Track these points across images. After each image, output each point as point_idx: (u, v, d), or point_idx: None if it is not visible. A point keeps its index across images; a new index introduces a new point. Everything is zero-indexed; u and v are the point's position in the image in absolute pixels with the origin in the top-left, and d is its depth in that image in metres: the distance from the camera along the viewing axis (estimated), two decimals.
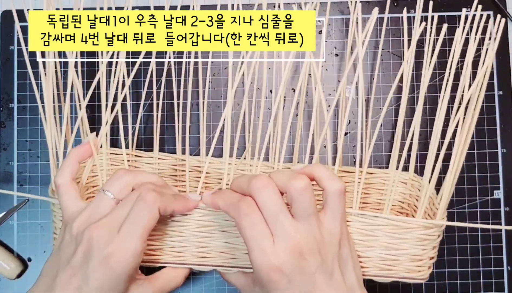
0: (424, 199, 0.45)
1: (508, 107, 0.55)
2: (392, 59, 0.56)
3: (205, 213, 0.44)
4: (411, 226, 0.43)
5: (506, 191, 0.54)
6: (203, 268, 0.46)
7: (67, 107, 0.46)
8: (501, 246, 0.54)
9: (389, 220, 0.43)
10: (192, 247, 0.45)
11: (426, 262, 0.44)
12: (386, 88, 0.55)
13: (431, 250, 0.44)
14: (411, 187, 0.50)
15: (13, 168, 0.54)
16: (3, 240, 0.54)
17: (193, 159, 0.52)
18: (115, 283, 0.40)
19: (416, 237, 0.43)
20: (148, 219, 0.40)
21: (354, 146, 0.55)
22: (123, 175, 0.43)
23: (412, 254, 0.43)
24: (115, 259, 0.39)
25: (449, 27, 0.55)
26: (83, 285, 0.39)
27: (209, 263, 0.45)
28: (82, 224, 0.41)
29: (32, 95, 0.55)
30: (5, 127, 0.55)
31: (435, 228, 0.44)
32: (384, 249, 0.43)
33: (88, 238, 0.39)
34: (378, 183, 0.52)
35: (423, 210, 0.44)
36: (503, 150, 0.55)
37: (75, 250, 0.40)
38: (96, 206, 0.42)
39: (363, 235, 0.43)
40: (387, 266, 0.44)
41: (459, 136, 0.43)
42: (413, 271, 0.44)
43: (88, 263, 0.39)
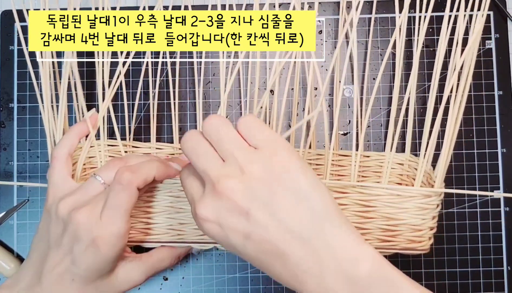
0: (422, 168, 0.45)
1: (508, 107, 0.55)
2: (392, 59, 0.56)
3: (179, 185, 0.44)
4: (410, 194, 0.43)
5: (506, 191, 0.54)
6: (179, 245, 0.46)
7: (63, 87, 0.46)
8: (501, 246, 0.54)
9: (387, 189, 0.43)
10: (163, 223, 0.45)
11: (426, 232, 0.45)
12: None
13: (430, 220, 0.44)
14: (408, 167, 0.50)
15: (13, 168, 0.54)
16: (3, 240, 0.54)
17: None
18: (103, 264, 0.41)
19: (416, 206, 0.43)
20: (126, 200, 0.40)
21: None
22: (115, 161, 0.43)
23: (412, 223, 0.44)
24: (100, 242, 0.40)
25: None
26: (72, 267, 0.40)
27: (186, 240, 0.46)
28: (69, 205, 0.41)
29: (32, 95, 0.55)
30: (5, 127, 0.55)
31: (434, 196, 0.44)
32: (384, 220, 0.44)
33: (75, 221, 0.40)
34: (375, 165, 0.52)
35: (420, 179, 0.45)
36: (503, 150, 0.55)
37: (63, 232, 0.41)
38: (85, 189, 0.42)
39: (362, 206, 0.43)
40: (387, 237, 0.44)
41: (453, 102, 0.44)
42: (413, 242, 0.44)
43: (76, 246, 0.40)
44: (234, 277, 0.53)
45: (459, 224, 0.54)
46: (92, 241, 0.40)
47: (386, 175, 0.45)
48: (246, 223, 0.34)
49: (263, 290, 0.53)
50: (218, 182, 0.34)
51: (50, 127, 0.47)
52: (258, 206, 0.33)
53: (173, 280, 0.53)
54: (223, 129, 0.35)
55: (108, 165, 0.43)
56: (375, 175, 0.51)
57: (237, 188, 0.34)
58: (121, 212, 0.40)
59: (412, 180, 0.50)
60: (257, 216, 0.33)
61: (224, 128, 0.35)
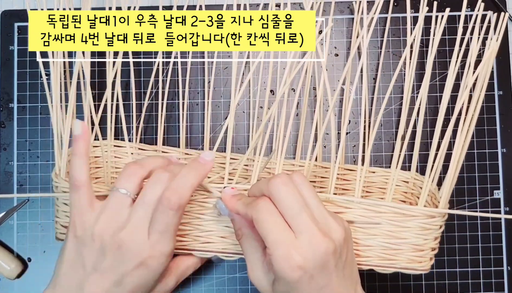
0: (426, 187, 0.45)
1: (508, 107, 0.55)
2: (392, 59, 0.56)
3: (207, 195, 0.44)
4: (413, 214, 0.43)
5: (506, 191, 0.54)
6: (205, 255, 0.46)
7: (73, 87, 0.46)
8: (501, 246, 0.54)
9: (391, 207, 0.43)
10: (194, 231, 0.45)
11: (428, 253, 0.44)
12: (386, 88, 0.55)
13: (432, 240, 0.44)
14: (413, 185, 0.50)
15: (13, 168, 0.54)
16: (3, 240, 0.54)
17: (197, 153, 0.53)
18: (151, 283, 0.41)
19: (418, 226, 0.43)
20: (175, 222, 0.40)
21: (354, 146, 0.55)
22: (134, 169, 0.41)
23: (413, 243, 0.43)
24: (151, 262, 0.40)
25: (450, 27, 0.56)
26: (115, 290, 0.40)
27: (211, 249, 0.45)
28: (105, 228, 0.40)
29: (32, 95, 0.55)
30: (5, 127, 0.55)
31: (437, 217, 0.43)
32: (385, 238, 0.43)
33: (118, 243, 0.39)
34: (380, 181, 0.52)
35: (425, 198, 0.44)
36: (503, 150, 0.55)
37: (102, 255, 0.40)
38: (114, 207, 0.40)
39: (364, 222, 0.43)
40: (388, 255, 0.44)
41: (462, 126, 0.44)
42: (414, 262, 0.44)
43: (121, 268, 0.39)
44: (234, 277, 0.53)
45: (459, 224, 0.54)
46: (141, 262, 0.39)
47: (390, 192, 0.45)
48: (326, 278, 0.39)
49: None
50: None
51: (58, 128, 0.47)
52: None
53: None
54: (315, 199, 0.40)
55: (128, 174, 0.41)
56: (379, 191, 0.51)
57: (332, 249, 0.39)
58: (171, 233, 0.40)
59: (416, 198, 0.50)
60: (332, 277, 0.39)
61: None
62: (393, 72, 0.55)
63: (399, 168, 0.48)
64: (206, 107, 0.53)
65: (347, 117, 0.45)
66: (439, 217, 0.44)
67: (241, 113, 0.55)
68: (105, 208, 0.40)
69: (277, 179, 0.39)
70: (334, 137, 0.45)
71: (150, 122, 0.54)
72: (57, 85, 0.46)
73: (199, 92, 0.55)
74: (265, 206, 0.39)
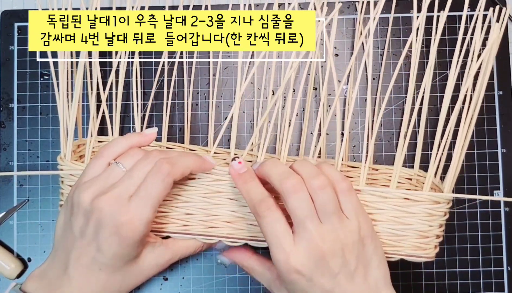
0: (431, 171, 0.44)
1: (508, 107, 0.55)
2: (392, 59, 0.56)
3: (213, 178, 0.44)
4: (418, 199, 0.43)
5: (506, 191, 0.54)
6: (209, 240, 0.45)
7: (79, 78, 0.46)
8: (501, 246, 0.54)
9: (396, 193, 0.43)
10: (198, 215, 0.45)
11: (433, 240, 0.44)
12: (385, 87, 0.55)
13: (437, 227, 0.44)
14: (417, 182, 0.50)
15: (13, 168, 0.54)
16: (3, 240, 0.54)
17: (201, 149, 0.53)
18: (128, 250, 0.41)
19: (423, 211, 0.43)
20: (160, 191, 0.40)
21: (354, 146, 0.55)
22: (135, 149, 0.43)
23: (418, 229, 0.43)
24: (126, 228, 0.40)
25: (450, 27, 0.56)
26: (98, 256, 0.40)
27: (215, 234, 0.45)
28: (91, 194, 0.41)
29: (32, 95, 0.55)
30: (5, 127, 0.55)
31: (442, 203, 0.43)
32: (390, 223, 0.43)
33: (98, 208, 0.40)
34: (383, 179, 0.52)
35: (429, 184, 0.44)
36: (503, 150, 0.55)
37: (87, 221, 0.40)
38: (107, 177, 0.41)
39: (369, 208, 0.43)
40: (393, 242, 0.44)
41: (467, 107, 0.44)
42: (419, 249, 0.44)
43: (100, 233, 0.40)
44: (234, 277, 0.53)
45: (459, 224, 0.54)
46: (117, 227, 0.39)
47: (395, 180, 0.45)
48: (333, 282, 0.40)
49: (263, 290, 0.53)
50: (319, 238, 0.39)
51: (64, 116, 0.46)
52: (345, 272, 0.40)
53: (173, 280, 0.53)
54: (328, 189, 0.40)
55: (130, 153, 0.43)
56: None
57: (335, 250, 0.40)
58: (153, 201, 0.40)
59: None
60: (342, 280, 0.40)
61: (328, 189, 0.40)
62: (393, 72, 0.55)
63: (401, 164, 0.48)
64: (211, 107, 0.54)
65: (349, 118, 0.45)
66: (443, 203, 0.44)
67: (241, 114, 0.55)
68: (98, 177, 0.42)
69: (290, 184, 0.40)
70: (338, 139, 0.45)
71: (152, 122, 0.55)
72: (64, 73, 0.46)
73: (199, 93, 0.55)
74: (269, 206, 0.40)
